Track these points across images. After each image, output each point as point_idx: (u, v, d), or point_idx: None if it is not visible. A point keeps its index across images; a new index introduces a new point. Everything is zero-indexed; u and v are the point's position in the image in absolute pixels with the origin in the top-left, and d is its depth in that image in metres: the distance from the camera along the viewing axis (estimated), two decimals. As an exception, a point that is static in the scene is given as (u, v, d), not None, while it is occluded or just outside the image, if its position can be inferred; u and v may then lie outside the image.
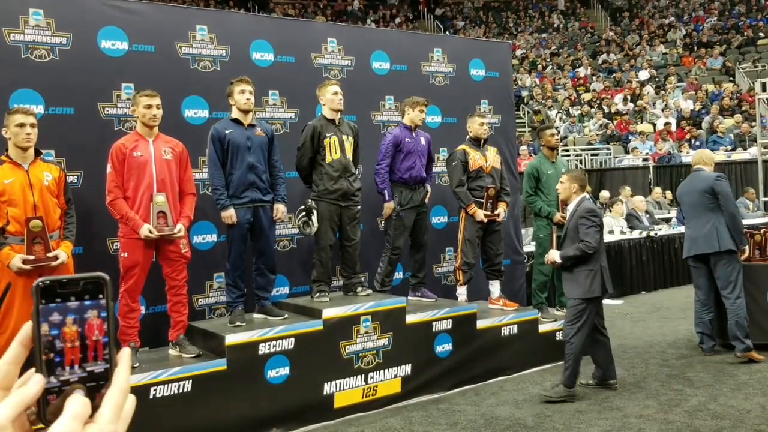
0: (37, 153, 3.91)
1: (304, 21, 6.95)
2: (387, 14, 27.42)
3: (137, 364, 4.14)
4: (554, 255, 4.97)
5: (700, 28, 22.59)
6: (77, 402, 0.66)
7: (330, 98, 5.12)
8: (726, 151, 14.74)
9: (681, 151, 15.10)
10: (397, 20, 26.79)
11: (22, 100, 4.46)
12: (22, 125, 3.81)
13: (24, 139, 3.83)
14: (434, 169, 6.49)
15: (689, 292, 9.06)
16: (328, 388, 4.71)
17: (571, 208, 5.01)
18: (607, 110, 18.26)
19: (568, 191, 5.01)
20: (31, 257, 3.73)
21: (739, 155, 14.15)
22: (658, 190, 12.58)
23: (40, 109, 4.48)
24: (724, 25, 22.32)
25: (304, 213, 4.99)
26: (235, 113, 4.76)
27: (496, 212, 5.79)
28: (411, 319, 5.12)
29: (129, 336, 4.27)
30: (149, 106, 4.26)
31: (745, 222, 7.03)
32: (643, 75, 20.11)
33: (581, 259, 4.81)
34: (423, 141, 5.68)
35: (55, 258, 3.81)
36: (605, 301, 8.57)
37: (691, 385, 5.05)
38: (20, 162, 3.81)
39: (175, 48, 5.15)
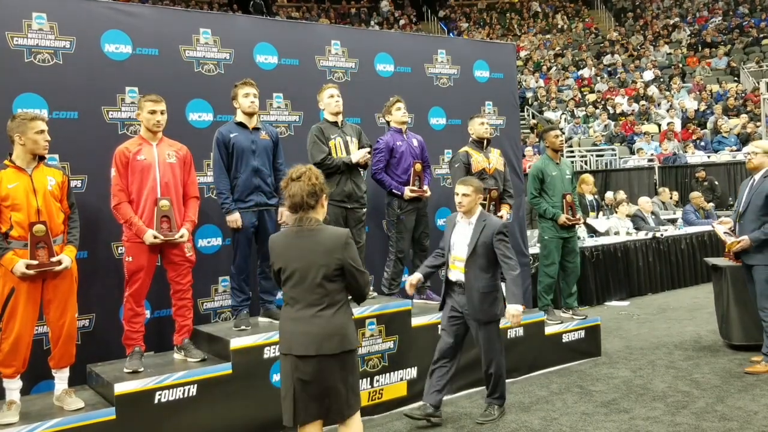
0: (41, 158, 3.90)
1: (307, 23, 6.94)
2: (390, 17, 27.42)
3: (142, 369, 4.13)
4: (514, 310, 4.37)
5: (705, 28, 22.52)
6: None
7: (327, 102, 5.16)
8: (731, 151, 14.70)
9: (686, 152, 15.05)
10: (401, 22, 26.79)
11: (26, 104, 4.47)
12: (42, 131, 3.81)
13: (44, 146, 3.84)
14: (439, 171, 6.48)
15: (696, 292, 9.08)
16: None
17: (474, 219, 4.49)
18: (612, 111, 18.22)
19: (474, 202, 4.47)
20: (35, 262, 3.71)
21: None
22: (665, 190, 12.53)
23: (43, 113, 4.48)
24: (728, 25, 22.25)
25: (308, 216, 4.97)
26: (239, 116, 4.75)
27: (500, 214, 5.76)
28: (416, 321, 5.10)
29: (134, 340, 4.25)
30: (153, 112, 4.26)
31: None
32: (648, 75, 20.06)
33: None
34: (415, 142, 5.67)
35: (59, 263, 3.80)
36: (612, 303, 8.62)
37: (699, 387, 5.01)
38: (24, 167, 3.80)
39: (179, 51, 5.15)
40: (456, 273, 4.51)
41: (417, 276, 4.65)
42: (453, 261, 4.53)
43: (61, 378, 3.97)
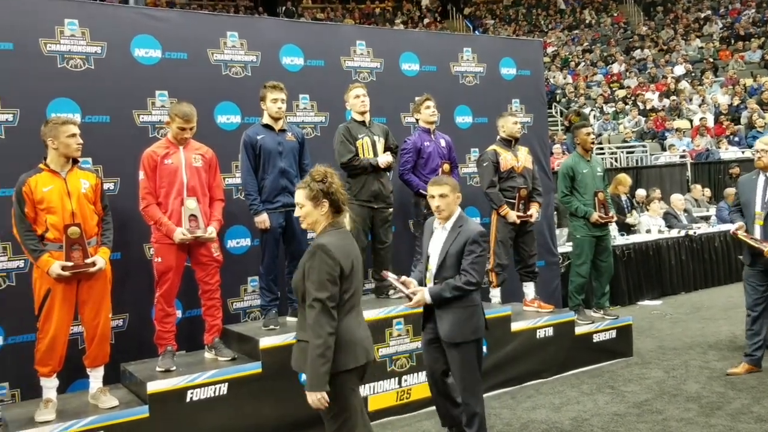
0: (74, 161, 3.99)
1: (332, 24, 6.97)
2: (415, 15, 27.38)
3: (174, 368, 4.19)
4: (425, 294, 3.71)
5: (738, 20, 22.03)
6: None
7: (353, 102, 5.19)
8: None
9: (719, 148, 14.73)
10: (426, 21, 26.74)
11: (59, 109, 4.56)
12: (74, 135, 3.90)
13: (76, 149, 3.92)
14: (465, 170, 6.45)
15: (730, 291, 8.89)
16: (362, 391, 4.68)
17: (450, 225, 3.78)
18: (642, 107, 17.93)
19: (454, 204, 3.77)
20: (70, 264, 3.79)
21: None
22: (698, 187, 12.30)
23: (76, 117, 4.57)
24: (762, 17, 21.73)
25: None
26: (266, 118, 4.79)
27: (529, 213, 5.71)
28: (444, 321, 5.07)
29: (166, 340, 4.32)
30: (183, 129, 4.32)
31: None
32: (679, 70, 19.69)
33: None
34: (443, 143, 5.65)
35: (93, 264, 3.87)
36: (644, 302, 8.49)
37: (734, 388, 4.91)
38: (58, 170, 3.88)
39: (207, 55, 5.22)
40: None
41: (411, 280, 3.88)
42: (428, 274, 3.83)
43: (95, 377, 4.05)
